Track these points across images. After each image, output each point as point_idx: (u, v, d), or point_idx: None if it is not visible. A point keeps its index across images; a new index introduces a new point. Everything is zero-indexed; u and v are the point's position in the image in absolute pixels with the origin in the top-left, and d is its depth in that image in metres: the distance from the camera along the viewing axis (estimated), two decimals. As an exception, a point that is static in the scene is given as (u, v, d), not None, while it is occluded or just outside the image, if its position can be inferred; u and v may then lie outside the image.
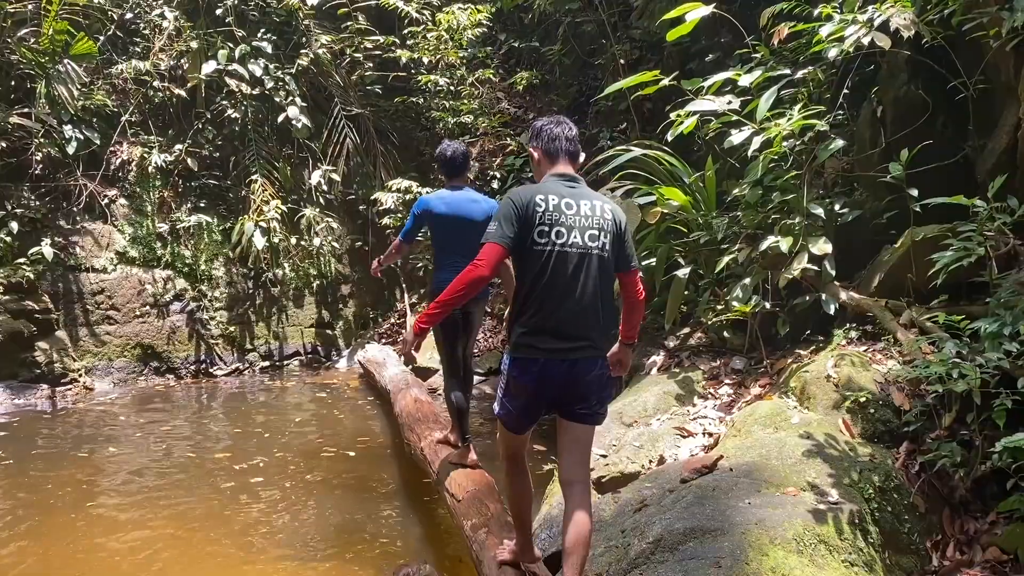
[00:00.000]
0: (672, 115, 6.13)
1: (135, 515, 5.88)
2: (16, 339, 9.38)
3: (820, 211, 5.50)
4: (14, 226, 9.59)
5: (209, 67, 10.87)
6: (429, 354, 9.81)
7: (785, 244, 5.40)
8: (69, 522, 5.73)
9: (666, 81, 6.15)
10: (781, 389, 5.26)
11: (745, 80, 5.83)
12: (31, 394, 9.36)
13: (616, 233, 3.52)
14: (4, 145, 9.72)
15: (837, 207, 5.76)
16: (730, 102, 5.82)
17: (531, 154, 3.66)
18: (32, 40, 9.80)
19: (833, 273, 5.53)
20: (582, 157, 3.69)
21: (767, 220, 5.87)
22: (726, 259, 5.87)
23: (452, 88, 12.27)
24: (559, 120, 3.62)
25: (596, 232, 3.42)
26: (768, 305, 5.75)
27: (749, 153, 5.69)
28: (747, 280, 5.81)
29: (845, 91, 5.86)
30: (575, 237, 3.36)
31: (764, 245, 5.57)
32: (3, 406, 9.04)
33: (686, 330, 6.76)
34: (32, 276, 9.60)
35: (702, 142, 7.16)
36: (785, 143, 5.68)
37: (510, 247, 3.33)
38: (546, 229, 3.33)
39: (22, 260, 9.58)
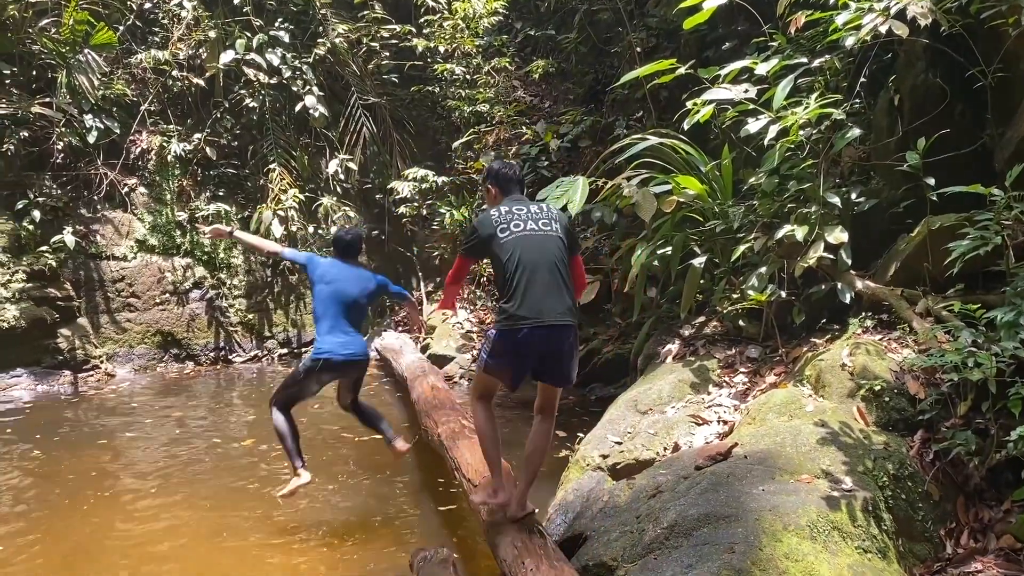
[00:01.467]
0: (689, 104, 6.12)
1: (156, 499, 5.98)
2: (39, 326, 9.54)
3: (836, 200, 5.49)
4: (36, 214, 9.73)
5: (227, 56, 10.95)
6: (445, 342, 9.89)
7: (801, 233, 5.39)
8: (90, 507, 5.84)
9: (683, 69, 6.14)
10: (796, 377, 5.28)
11: (762, 68, 5.81)
12: (54, 380, 9.52)
13: (564, 224, 4.33)
14: (26, 135, 9.85)
15: (853, 196, 5.75)
16: (747, 90, 5.80)
17: (489, 190, 4.47)
18: (53, 30, 9.90)
19: (849, 262, 5.52)
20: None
21: (783, 209, 5.86)
22: (742, 248, 5.86)
23: (468, 77, 12.28)
24: (509, 164, 4.61)
25: (547, 221, 4.23)
26: (784, 294, 5.76)
27: (766, 142, 5.68)
28: (763, 269, 5.81)
29: (862, 79, 5.83)
30: (531, 225, 4.17)
31: (780, 234, 5.56)
32: (27, 391, 9.20)
33: (701, 319, 6.77)
34: (54, 264, 9.75)
35: (718, 131, 7.14)
36: (802, 132, 5.66)
37: (473, 256, 4.47)
38: (505, 226, 4.14)
39: (44, 248, 9.71)
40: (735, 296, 6.15)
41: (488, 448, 4.40)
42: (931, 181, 4.99)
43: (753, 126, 5.68)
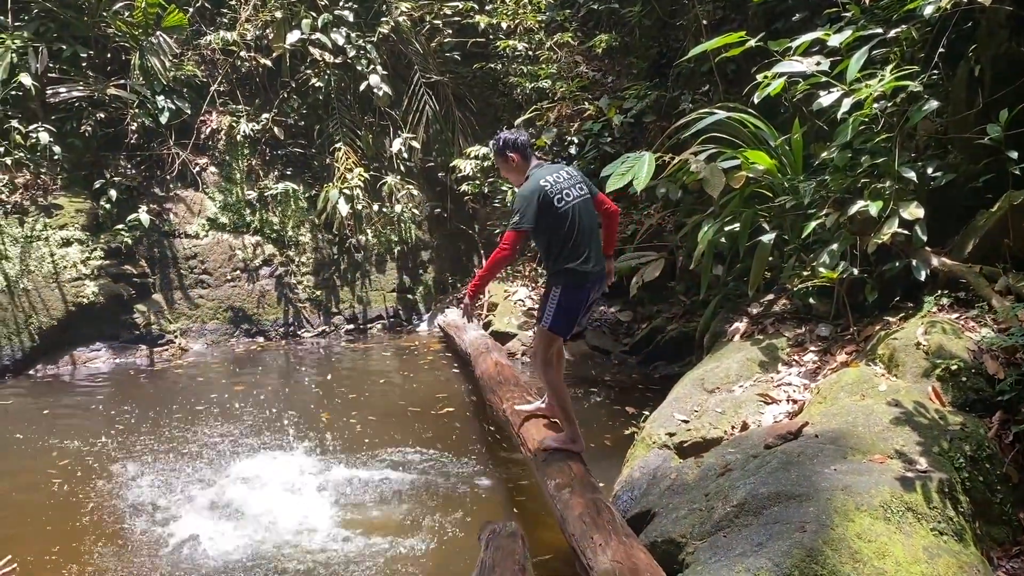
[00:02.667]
0: (758, 77, 6.01)
1: (241, 469, 6.18)
2: (117, 302, 9.88)
3: (912, 174, 5.34)
4: (113, 194, 10.03)
5: (293, 36, 11.08)
6: (507, 319, 9.96)
7: (875, 208, 5.27)
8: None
9: (752, 42, 6.01)
10: (868, 356, 5.18)
11: (835, 40, 5.66)
12: (131, 354, 9.86)
13: (584, 180, 4.92)
14: (102, 116, 10.14)
15: (930, 170, 5.58)
16: (819, 63, 5.66)
17: (511, 159, 4.85)
18: (126, 13, 10.14)
19: (924, 238, 5.38)
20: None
21: (856, 184, 5.73)
22: (813, 224, 5.75)
23: (530, 53, 12.23)
24: (518, 130, 5.08)
25: (581, 184, 4.84)
26: (856, 271, 5.64)
27: (838, 115, 5.55)
28: (834, 245, 5.70)
29: (940, 50, 5.64)
30: (576, 192, 4.73)
31: (853, 209, 5.44)
32: (107, 364, 9.57)
33: (770, 296, 6.68)
34: (130, 241, 10.07)
35: (789, 104, 7.00)
36: (876, 105, 5.52)
37: (529, 229, 4.61)
38: (560, 196, 4.64)
39: (121, 226, 10.03)
40: (805, 273, 6.05)
41: (565, 403, 4.91)
42: (1013, 155, 4.83)
43: (825, 99, 5.55)
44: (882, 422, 4.28)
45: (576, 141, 11.28)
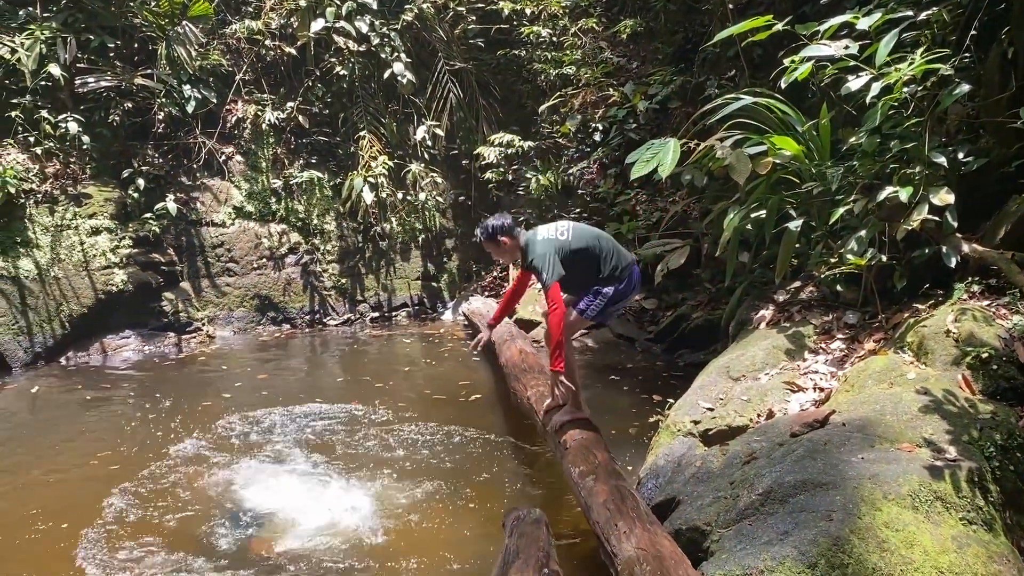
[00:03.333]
0: (786, 61, 5.93)
1: (269, 452, 6.24)
2: (145, 289, 10.01)
3: (942, 159, 5.25)
4: (141, 183, 10.16)
5: (317, 25, 11.12)
6: (532, 307, 9.95)
7: (904, 194, 5.19)
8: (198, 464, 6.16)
9: (779, 26, 5.93)
10: (896, 344, 5.12)
11: (863, 23, 5.57)
12: (160, 341, 9.99)
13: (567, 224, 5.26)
14: (130, 105, 10.25)
15: (961, 155, 5.48)
16: (847, 47, 5.58)
17: (503, 243, 5.10)
18: (153, 3, 10.22)
19: (955, 224, 5.29)
20: None
21: (885, 170, 5.65)
22: (840, 210, 5.68)
23: (554, 39, 12.18)
24: (501, 215, 5.23)
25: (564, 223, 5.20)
26: (884, 258, 5.56)
27: (867, 100, 5.45)
28: (862, 232, 5.62)
29: (972, 32, 5.53)
30: (566, 225, 5.11)
31: (882, 195, 5.36)
32: (136, 351, 9.70)
33: (796, 284, 6.61)
34: (158, 230, 10.20)
35: (816, 89, 6.90)
36: (906, 89, 5.42)
37: (561, 277, 4.82)
38: (563, 236, 4.97)
39: (148, 215, 10.15)
40: (832, 260, 5.98)
41: (574, 376, 5.10)
42: (1047, 138, 4.73)
43: (854, 83, 5.46)
44: (911, 410, 4.23)
45: (600, 128, 11.22)
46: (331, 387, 8.26)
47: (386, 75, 11.61)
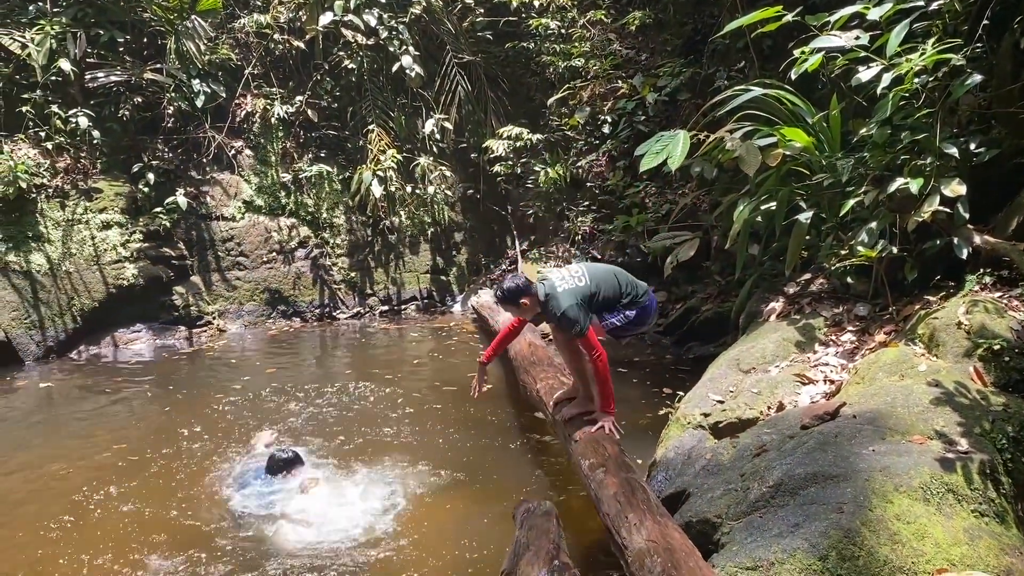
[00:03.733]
0: (796, 52, 5.90)
1: (285, 441, 6.27)
2: (156, 283, 10.06)
3: (954, 150, 5.22)
4: (151, 177, 10.19)
5: (326, 18, 11.11)
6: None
7: (915, 185, 5.16)
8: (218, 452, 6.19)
9: (789, 17, 5.89)
10: (907, 336, 5.10)
11: (874, 13, 5.53)
12: (170, 334, 10.04)
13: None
14: (140, 100, 10.27)
15: (972, 146, 5.44)
16: (858, 37, 5.54)
17: (523, 304, 5.00)
18: (162, -2, 10.24)
19: (966, 216, 5.26)
20: None
21: (896, 161, 5.61)
22: (851, 202, 5.65)
23: (563, 31, 12.14)
24: (513, 276, 5.17)
25: (575, 268, 5.16)
26: (895, 249, 5.53)
27: (878, 91, 5.42)
28: (873, 224, 5.60)
29: (984, 22, 5.48)
30: (580, 268, 5.09)
31: (892, 187, 5.33)
32: (147, 345, 9.75)
33: (807, 276, 6.59)
34: (168, 224, 10.23)
35: (827, 80, 6.86)
36: (917, 79, 5.38)
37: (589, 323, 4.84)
38: (581, 280, 4.94)
39: (159, 209, 10.19)
40: (843, 252, 5.95)
41: (583, 368, 5.16)
42: (1061, 129, 4.69)
43: (865, 74, 5.43)
44: (922, 402, 4.21)
45: (609, 120, 11.20)
46: (342, 379, 8.28)
47: (394, 68, 11.60)
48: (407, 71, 11.55)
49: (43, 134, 9.54)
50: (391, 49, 11.65)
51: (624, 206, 10.76)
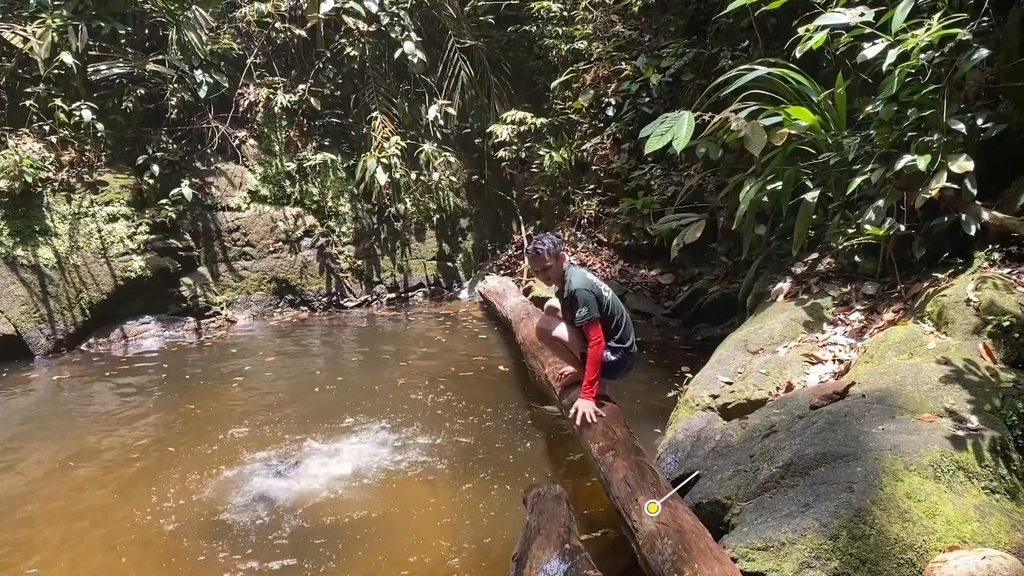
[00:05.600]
0: (800, 30, 5.85)
1: (284, 436, 6.30)
2: (163, 275, 10.07)
3: (961, 126, 5.18)
4: (156, 169, 10.19)
5: (327, 6, 11.06)
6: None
7: (923, 162, 5.12)
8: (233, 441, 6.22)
9: (793, -6, 5.86)
10: (916, 314, 5.08)
11: (879, -11, 5.50)
12: (179, 326, 10.06)
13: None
14: (143, 92, 10.25)
15: (980, 122, 5.40)
16: (863, 14, 5.49)
17: (562, 257, 5.22)
18: (162, -12, 10.20)
19: (974, 192, 5.22)
20: None
21: (902, 138, 5.57)
22: (858, 180, 5.61)
23: (565, 14, 12.08)
24: (539, 238, 5.27)
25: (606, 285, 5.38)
26: (903, 227, 5.50)
27: (884, 67, 5.37)
28: (880, 202, 5.57)
29: (991, -5, 5.43)
30: (607, 287, 5.33)
31: (899, 164, 5.30)
32: (156, 336, 9.78)
33: (814, 256, 6.57)
34: (174, 215, 10.24)
35: (832, 58, 6.80)
36: (923, 55, 5.33)
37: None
38: (604, 293, 5.17)
39: (164, 201, 10.20)
40: (850, 231, 5.93)
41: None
42: (1069, 102, 4.65)
43: (870, 51, 5.38)
44: (931, 380, 4.20)
45: (613, 103, 11.15)
46: (353, 367, 8.31)
47: (397, 55, 11.56)
48: (409, 57, 11.51)
49: (47, 128, 9.54)
50: (393, 35, 11.61)
51: (630, 189, 10.73)
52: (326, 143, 11.62)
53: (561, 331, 5.38)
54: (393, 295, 11.61)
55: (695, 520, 3.52)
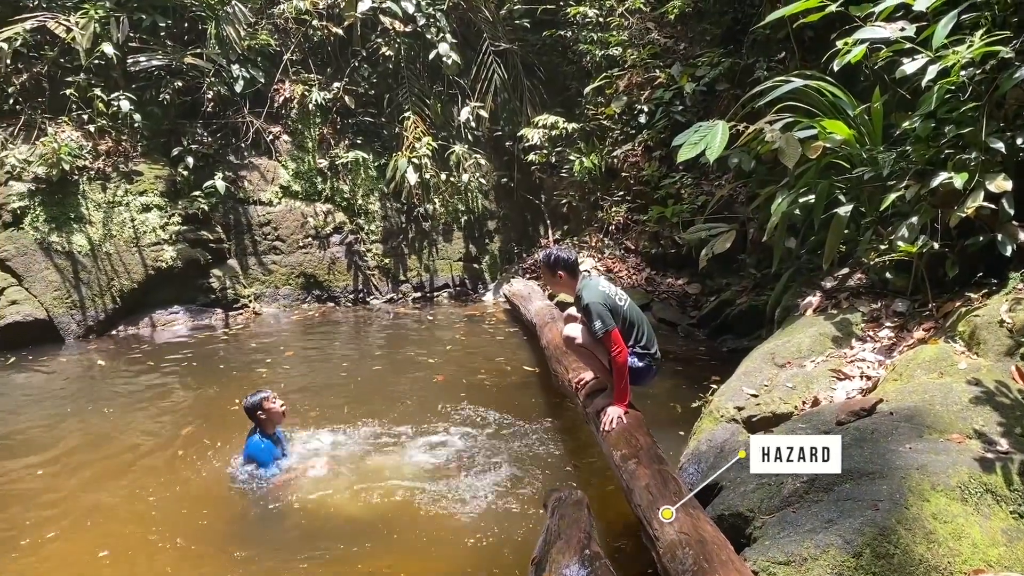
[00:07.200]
0: (838, 43, 5.81)
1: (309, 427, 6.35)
2: (194, 266, 10.20)
3: (1000, 145, 5.11)
4: (190, 161, 10.32)
5: (364, 5, 11.15)
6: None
7: (959, 180, 5.06)
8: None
9: (832, 7, 5.80)
10: (947, 333, 5.02)
11: (920, 4, 5.42)
12: (207, 317, 10.19)
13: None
14: (180, 84, 10.39)
15: (1019, 141, 5.32)
16: (903, 28, 5.44)
17: (559, 276, 5.18)
18: (203, -17, 10.33)
19: (1012, 212, 5.15)
20: None
21: (939, 155, 5.51)
22: (892, 196, 5.56)
23: (600, 19, 12.07)
24: (568, 249, 5.54)
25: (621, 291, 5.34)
26: (936, 245, 5.44)
27: (923, 83, 5.32)
28: (914, 219, 5.51)
29: (1035, 13, 5.36)
30: (624, 295, 5.26)
31: (936, 182, 5.24)
32: (185, 326, 9.90)
33: (845, 270, 6.50)
34: (206, 208, 10.36)
35: (869, 72, 6.76)
36: (963, 72, 5.27)
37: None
38: (620, 301, 5.13)
39: (197, 193, 10.32)
40: (882, 247, 5.87)
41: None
42: (1112, 124, 4.58)
43: (909, 66, 5.33)
44: (961, 401, 4.15)
45: (646, 110, 11.13)
46: (377, 362, 8.36)
47: (431, 56, 11.62)
48: (444, 58, 11.56)
49: (86, 117, 9.70)
50: (428, 36, 11.67)
51: (659, 197, 10.70)
52: (358, 141, 11.70)
53: (587, 338, 5.37)
54: (419, 294, 11.66)
55: (717, 531, 3.50)
